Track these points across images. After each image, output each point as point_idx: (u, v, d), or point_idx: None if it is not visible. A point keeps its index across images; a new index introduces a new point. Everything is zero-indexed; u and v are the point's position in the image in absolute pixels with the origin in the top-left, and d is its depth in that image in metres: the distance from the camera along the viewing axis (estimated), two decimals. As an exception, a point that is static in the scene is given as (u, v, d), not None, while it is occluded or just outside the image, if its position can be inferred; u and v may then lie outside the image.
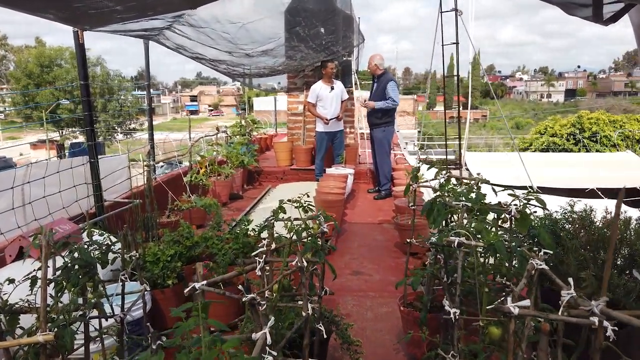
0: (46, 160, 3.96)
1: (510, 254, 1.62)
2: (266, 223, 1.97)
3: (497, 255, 1.65)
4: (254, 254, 1.73)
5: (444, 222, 2.50)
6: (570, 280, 1.30)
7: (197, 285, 1.42)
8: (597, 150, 21.30)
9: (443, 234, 1.81)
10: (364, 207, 6.55)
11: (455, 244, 1.62)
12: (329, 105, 7.01)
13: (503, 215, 2.06)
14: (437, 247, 1.92)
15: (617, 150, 20.11)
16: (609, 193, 9.65)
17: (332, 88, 7.00)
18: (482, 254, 1.79)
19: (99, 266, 2.08)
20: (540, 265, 1.35)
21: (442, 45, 3.93)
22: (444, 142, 5.36)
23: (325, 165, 7.24)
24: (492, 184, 2.54)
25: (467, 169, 10.52)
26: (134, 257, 2.23)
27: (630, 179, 10.83)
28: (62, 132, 35.75)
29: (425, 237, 3.58)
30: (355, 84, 8.33)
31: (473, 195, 2.26)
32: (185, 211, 5.15)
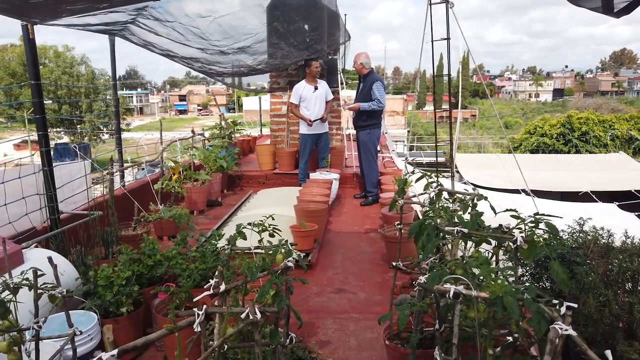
0: (-14, 169, 3.54)
1: (520, 309, 1.26)
2: (218, 255, 1.59)
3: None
4: (195, 299, 1.35)
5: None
6: (609, 355, 0.93)
7: (104, 356, 1.04)
8: (587, 151, 21.16)
9: (434, 274, 1.44)
10: (350, 215, 6.18)
11: (451, 294, 1.25)
12: (312, 106, 6.63)
13: (506, 243, 1.70)
14: (427, 290, 1.55)
15: (607, 151, 19.98)
16: (603, 196, 9.36)
17: (316, 88, 6.62)
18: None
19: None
20: (566, 330, 0.99)
21: (432, 41, 3.57)
22: (434, 143, 5.00)
23: (310, 169, 6.87)
24: (489, 201, 2.17)
25: (458, 172, 10.20)
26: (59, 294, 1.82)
27: (624, 180, 10.59)
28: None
29: (414, 259, 3.21)
30: (342, 83, 7.96)
31: (468, 215, 1.89)
32: (154, 222, 4.73)
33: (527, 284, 1.84)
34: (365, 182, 6.66)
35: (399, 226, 2.55)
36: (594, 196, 9.17)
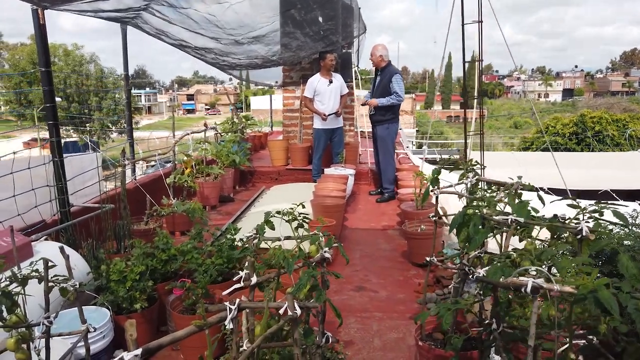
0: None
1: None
2: (245, 244, 1.43)
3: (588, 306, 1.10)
4: (225, 292, 1.19)
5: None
6: None
7: (126, 356, 0.88)
8: (600, 150, 20.82)
9: (496, 267, 1.27)
10: (365, 211, 6.01)
11: (529, 288, 1.08)
12: (327, 100, 6.46)
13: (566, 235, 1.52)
14: (489, 285, 1.37)
15: (621, 150, 19.63)
16: (621, 194, 9.11)
17: (331, 81, 6.45)
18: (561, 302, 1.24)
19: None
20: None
21: (462, 24, 3.38)
22: (444, 141, 4.83)
23: (324, 165, 6.69)
24: (536, 190, 2.00)
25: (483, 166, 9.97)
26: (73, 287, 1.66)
27: (643, 179, 10.33)
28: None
29: (449, 253, 3.03)
30: (356, 78, 7.78)
31: (517, 207, 1.71)
32: (166, 217, 4.59)
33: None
34: (381, 178, 6.47)
35: (434, 218, 2.38)
36: (614, 195, 8.93)
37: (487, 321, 1.55)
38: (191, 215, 4.25)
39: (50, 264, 1.72)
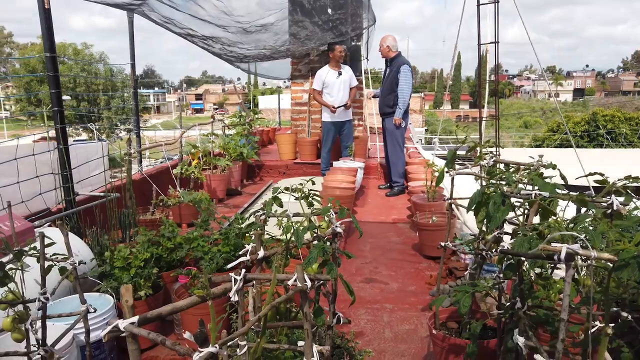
0: (-2, 143, 3.35)
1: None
2: (253, 220, 1.34)
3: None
4: (229, 265, 1.11)
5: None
6: None
7: (121, 324, 0.79)
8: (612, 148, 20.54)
9: (522, 238, 1.17)
10: (375, 205, 5.91)
11: (563, 254, 0.97)
12: (336, 92, 6.36)
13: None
14: (514, 256, 1.26)
15: (634, 148, 19.35)
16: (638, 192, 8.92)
17: (340, 73, 6.35)
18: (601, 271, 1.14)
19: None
20: None
21: (478, 6, 3.27)
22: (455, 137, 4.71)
23: (332, 159, 6.60)
24: (558, 170, 1.90)
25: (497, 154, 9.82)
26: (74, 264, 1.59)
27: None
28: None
29: (464, 239, 2.93)
30: (365, 72, 7.67)
31: (541, 182, 1.61)
32: (173, 207, 4.52)
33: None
34: (390, 172, 6.37)
35: (449, 201, 2.28)
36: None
37: (508, 303, 1.45)
38: (197, 205, 4.17)
39: (48, 241, 1.64)
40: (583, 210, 1.34)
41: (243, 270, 1.07)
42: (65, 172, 3.57)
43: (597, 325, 1.12)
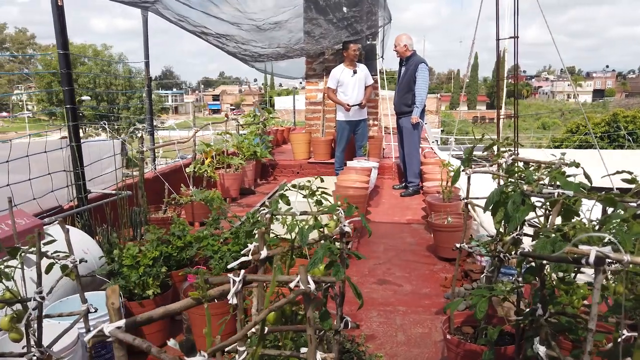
0: (9, 140, 3.35)
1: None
2: (257, 217, 1.28)
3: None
4: (230, 266, 1.04)
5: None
6: None
7: (106, 328, 0.73)
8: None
9: (545, 240, 1.08)
10: (389, 205, 5.82)
11: (592, 258, 0.88)
12: (350, 91, 6.28)
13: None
14: (536, 259, 1.18)
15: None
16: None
17: (355, 72, 6.27)
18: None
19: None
20: None
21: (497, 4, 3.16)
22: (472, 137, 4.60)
23: (347, 159, 6.52)
24: (582, 168, 1.80)
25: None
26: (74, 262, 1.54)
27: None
28: (85, 129, 35.79)
29: (481, 241, 2.83)
30: (381, 72, 7.57)
31: (564, 180, 1.51)
32: (185, 206, 4.49)
33: None
34: (406, 172, 6.27)
35: (465, 201, 2.19)
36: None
37: (528, 309, 1.36)
38: (210, 204, 4.14)
39: (50, 238, 1.60)
40: (610, 211, 1.25)
41: (242, 271, 1.01)
42: (77, 170, 3.57)
43: (625, 334, 1.03)
